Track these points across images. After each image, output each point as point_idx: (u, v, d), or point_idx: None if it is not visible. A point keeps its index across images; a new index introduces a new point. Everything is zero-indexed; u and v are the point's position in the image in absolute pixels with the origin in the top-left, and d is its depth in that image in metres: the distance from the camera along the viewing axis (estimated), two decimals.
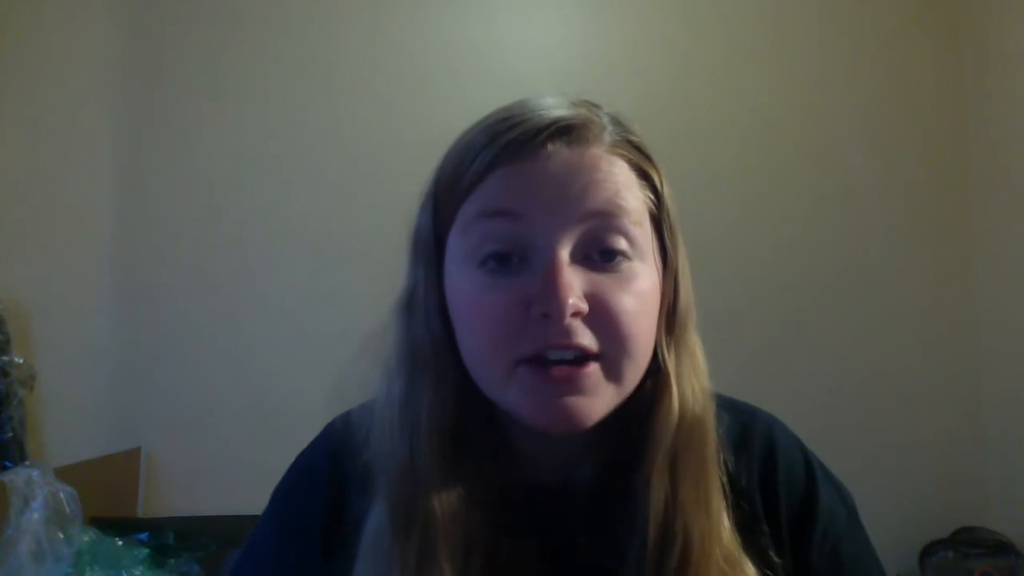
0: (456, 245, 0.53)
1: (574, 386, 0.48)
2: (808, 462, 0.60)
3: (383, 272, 0.67)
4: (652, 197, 0.54)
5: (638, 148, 0.55)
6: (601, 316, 0.49)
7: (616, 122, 0.55)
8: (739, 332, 1.84)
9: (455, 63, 1.86)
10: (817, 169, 1.91)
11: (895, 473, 1.84)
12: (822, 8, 1.94)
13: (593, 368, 0.49)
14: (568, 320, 0.47)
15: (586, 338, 0.48)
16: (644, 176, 0.54)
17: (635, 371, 0.51)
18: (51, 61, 1.78)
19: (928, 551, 1.72)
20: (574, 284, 0.48)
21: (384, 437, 0.54)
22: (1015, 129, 1.79)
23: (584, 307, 0.48)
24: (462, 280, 0.52)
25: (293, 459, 0.68)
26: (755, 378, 1.70)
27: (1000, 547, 1.66)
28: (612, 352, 0.49)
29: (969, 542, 1.70)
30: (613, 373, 0.50)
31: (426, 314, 0.54)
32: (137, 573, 1.38)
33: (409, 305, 0.56)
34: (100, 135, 1.79)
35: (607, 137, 0.53)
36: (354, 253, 1.78)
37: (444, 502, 0.50)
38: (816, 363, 1.86)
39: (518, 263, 0.50)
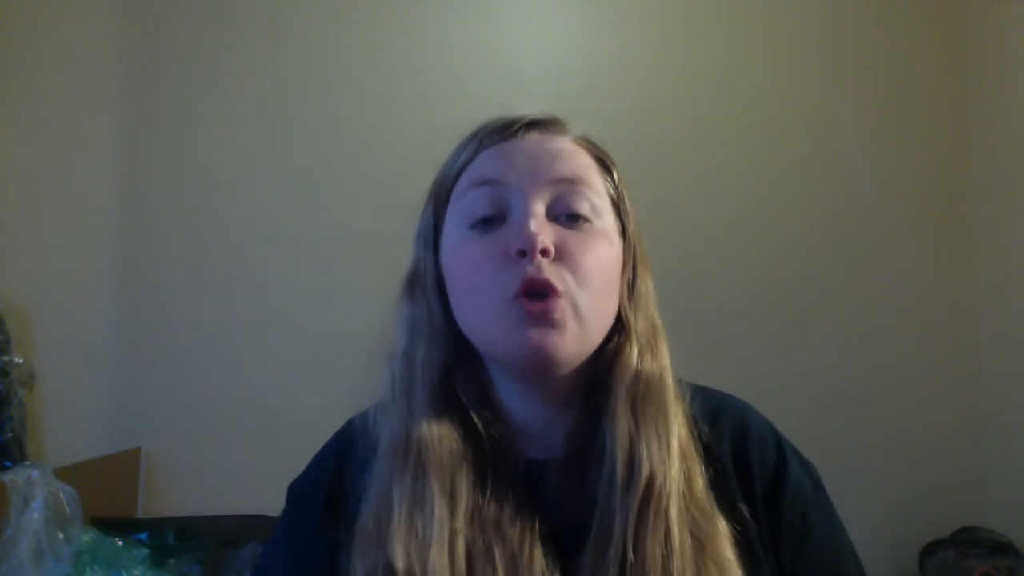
0: (451, 219, 0.63)
1: (547, 320, 0.57)
2: (778, 440, 0.67)
3: (383, 272, 0.67)
4: (611, 186, 0.65)
5: (596, 146, 0.66)
6: (566, 261, 0.58)
7: (581, 131, 0.66)
8: (739, 332, 1.84)
9: (455, 63, 1.86)
10: (817, 169, 1.91)
11: (895, 473, 1.84)
12: (822, 8, 1.94)
13: (561, 304, 0.57)
14: (539, 258, 0.57)
15: (554, 276, 0.57)
16: (605, 168, 0.65)
17: (596, 314, 0.60)
18: (50, 61, 1.78)
19: (928, 551, 1.72)
20: (545, 229, 0.58)
21: (389, 393, 0.64)
22: (1015, 129, 1.79)
23: (551, 247, 0.57)
24: (454, 242, 0.62)
25: (292, 458, 0.70)
26: (755, 378, 1.70)
27: (1000, 547, 1.66)
28: (573, 289, 0.58)
29: (969, 542, 1.70)
30: (576, 310, 0.58)
31: (424, 289, 0.65)
32: (137, 573, 1.38)
33: (412, 283, 0.66)
34: (100, 135, 1.79)
35: (572, 132, 0.65)
36: (354, 253, 1.78)
37: (433, 433, 0.59)
38: (816, 363, 1.86)
39: (500, 222, 0.60)
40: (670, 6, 1.93)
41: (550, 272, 0.57)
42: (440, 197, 0.65)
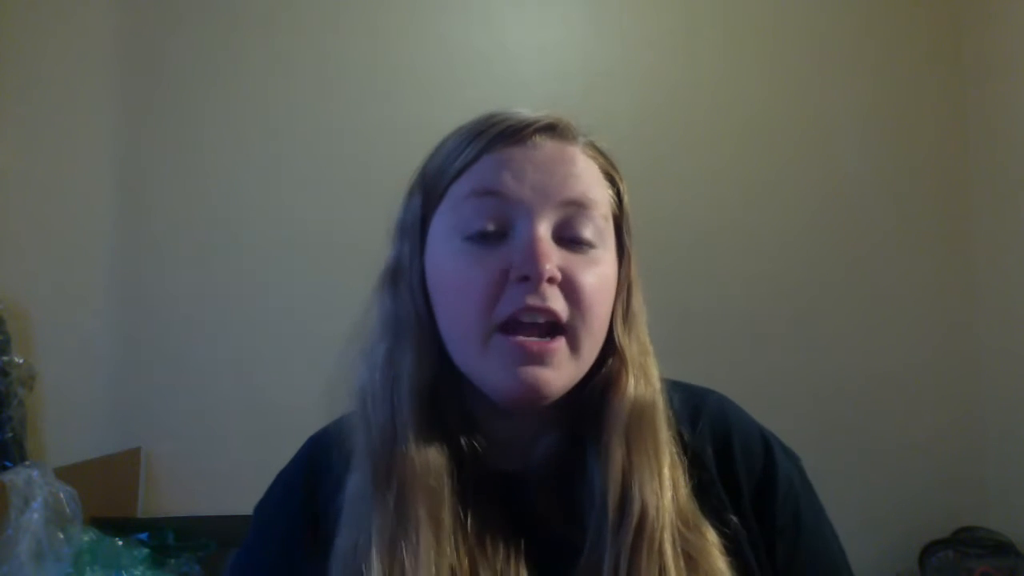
0: (442, 221, 0.58)
1: (543, 359, 0.54)
2: (763, 436, 0.64)
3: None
4: (615, 200, 0.61)
5: (605, 156, 0.61)
6: (570, 288, 0.55)
7: (588, 132, 0.61)
8: (738, 332, 1.84)
9: (455, 63, 1.86)
10: (817, 170, 1.91)
11: (895, 473, 1.84)
12: (822, 9, 1.94)
13: (560, 343, 0.54)
14: (544, 285, 0.53)
15: (558, 304, 0.54)
16: (610, 180, 0.61)
17: (592, 347, 0.57)
18: (50, 61, 1.78)
19: (928, 551, 1.72)
20: (551, 254, 0.54)
21: (367, 398, 0.59)
22: (1015, 129, 1.79)
23: (558, 275, 0.54)
24: (446, 253, 0.57)
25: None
26: (754, 377, 1.70)
27: (1000, 547, 1.66)
28: (576, 323, 0.55)
29: (969, 542, 1.70)
30: (575, 346, 0.55)
31: (410, 286, 0.59)
32: (137, 573, 1.38)
33: (393, 278, 0.61)
34: (100, 135, 1.79)
35: (582, 140, 0.60)
36: (354, 253, 1.76)
37: (420, 456, 0.55)
38: (816, 363, 1.86)
39: (498, 238, 0.55)
40: (670, 7, 1.93)
41: (554, 300, 0.53)
42: (431, 192, 0.59)
